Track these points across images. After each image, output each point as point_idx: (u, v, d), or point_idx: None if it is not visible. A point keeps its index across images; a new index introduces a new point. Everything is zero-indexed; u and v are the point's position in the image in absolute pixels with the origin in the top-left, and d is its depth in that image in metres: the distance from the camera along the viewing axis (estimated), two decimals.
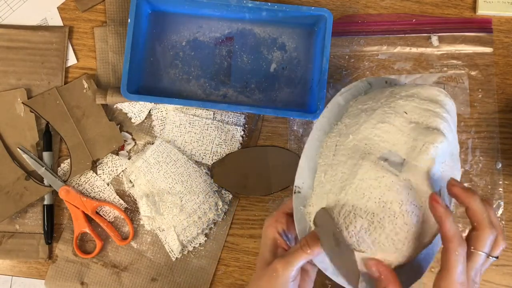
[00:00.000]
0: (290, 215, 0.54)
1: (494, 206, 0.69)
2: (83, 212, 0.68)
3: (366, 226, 0.47)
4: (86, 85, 0.70)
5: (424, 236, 0.48)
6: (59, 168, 0.70)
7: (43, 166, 0.68)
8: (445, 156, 0.49)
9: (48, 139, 0.69)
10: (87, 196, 0.69)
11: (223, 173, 0.69)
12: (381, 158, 0.48)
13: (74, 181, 0.70)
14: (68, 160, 0.69)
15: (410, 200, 0.47)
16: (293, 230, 0.53)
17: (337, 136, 0.52)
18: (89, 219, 0.69)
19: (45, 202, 0.69)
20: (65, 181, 0.69)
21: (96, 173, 0.70)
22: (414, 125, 0.49)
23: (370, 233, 0.47)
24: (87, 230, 0.68)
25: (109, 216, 0.70)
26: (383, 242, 0.47)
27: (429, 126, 0.49)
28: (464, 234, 0.46)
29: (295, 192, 0.52)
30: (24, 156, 0.68)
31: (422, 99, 0.51)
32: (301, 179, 0.52)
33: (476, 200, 0.45)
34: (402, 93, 0.52)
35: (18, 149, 0.69)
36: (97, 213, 0.70)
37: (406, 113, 0.50)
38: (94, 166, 0.70)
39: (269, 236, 0.53)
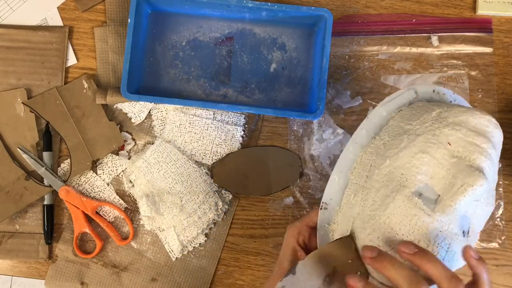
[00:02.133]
0: (313, 229, 0.54)
1: (494, 206, 0.68)
2: (83, 212, 0.68)
3: None
4: (86, 85, 0.70)
5: None
6: (59, 168, 0.70)
7: (43, 166, 0.68)
8: (481, 195, 0.47)
9: (48, 139, 0.69)
10: (87, 196, 0.69)
11: (223, 173, 0.69)
12: (416, 193, 0.47)
13: (74, 181, 0.70)
14: (68, 160, 0.69)
15: (438, 242, 0.46)
16: (313, 243, 0.53)
17: (374, 154, 0.51)
18: (89, 219, 0.69)
19: (45, 202, 0.69)
20: (65, 181, 0.69)
21: (96, 173, 0.70)
22: (456, 160, 0.47)
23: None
24: (87, 230, 0.68)
25: (109, 216, 0.70)
26: None
27: (472, 165, 0.47)
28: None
29: (321, 208, 0.51)
30: (24, 156, 0.68)
31: (470, 130, 0.48)
32: (329, 195, 0.51)
33: (387, 265, 0.43)
34: (450, 118, 0.49)
35: (18, 149, 0.69)
36: (97, 213, 0.70)
37: (450, 144, 0.47)
38: (94, 166, 0.70)
39: (290, 246, 0.55)
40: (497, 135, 0.50)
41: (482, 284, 0.44)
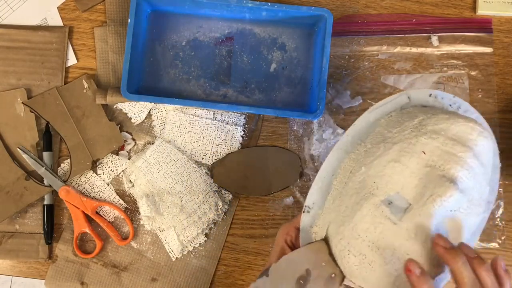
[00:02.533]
0: (299, 230, 0.55)
1: (494, 206, 0.69)
2: (83, 212, 0.68)
3: (358, 264, 0.47)
4: (86, 85, 0.70)
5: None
6: (59, 168, 0.70)
7: (43, 166, 0.68)
8: (458, 205, 0.46)
9: (48, 139, 0.69)
10: (87, 196, 0.70)
11: (223, 173, 0.69)
12: (385, 201, 0.46)
13: (74, 181, 0.70)
14: (68, 160, 0.69)
15: (404, 249, 0.45)
16: (299, 244, 0.54)
17: (355, 161, 0.50)
18: (89, 219, 0.69)
19: (45, 202, 0.69)
20: (65, 181, 0.69)
21: (96, 173, 0.70)
22: (429, 169, 0.46)
23: (360, 271, 0.47)
24: (87, 230, 0.68)
25: (109, 216, 0.70)
26: (373, 282, 0.46)
27: (444, 175, 0.45)
28: None
29: (304, 211, 0.52)
30: (24, 156, 0.68)
31: (449, 138, 0.47)
32: (312, 199, 0.52)
33: (459, 261, 0.43)
34: (429, 126, 0.48)
35: (18, 149, 0.69)
36: (97, 213, 0.70)
37: (425, 153, 0.46)
38: (94, 166, 0.70)
39: (279, 245, 0.56)
40: (481, 144, 0.48)
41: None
